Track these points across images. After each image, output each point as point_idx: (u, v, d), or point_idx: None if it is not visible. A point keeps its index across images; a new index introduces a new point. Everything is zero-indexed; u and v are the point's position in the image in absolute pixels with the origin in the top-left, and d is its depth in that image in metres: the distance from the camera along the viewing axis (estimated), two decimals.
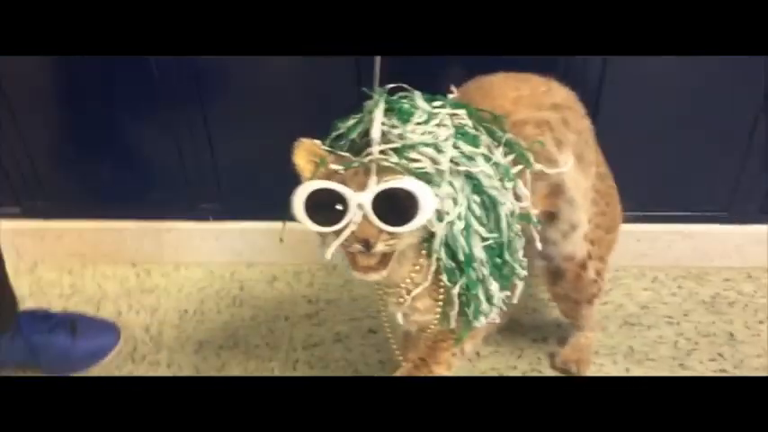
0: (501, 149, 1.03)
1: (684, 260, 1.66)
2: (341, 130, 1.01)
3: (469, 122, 1.01)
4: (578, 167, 1.16)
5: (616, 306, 1.58)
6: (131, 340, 1.58)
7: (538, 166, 1.07)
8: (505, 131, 1.05)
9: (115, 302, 1.68)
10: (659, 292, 1.62)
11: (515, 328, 1.53)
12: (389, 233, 0.92)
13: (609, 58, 1.43)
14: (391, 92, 1.00)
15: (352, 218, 0.91)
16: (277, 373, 1.47)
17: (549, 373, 1.46)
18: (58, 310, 1.58)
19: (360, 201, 0.90)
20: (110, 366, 1.51)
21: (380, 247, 0.93)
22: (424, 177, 0.94)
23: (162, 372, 1.50)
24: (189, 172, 1.66)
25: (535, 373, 1.46)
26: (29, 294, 1.70)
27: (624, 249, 1.60)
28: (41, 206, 1.75)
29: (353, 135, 0.99)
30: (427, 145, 0.95)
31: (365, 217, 0.91)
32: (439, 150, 0.96)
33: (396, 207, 0.91)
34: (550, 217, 1.19)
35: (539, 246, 1.11)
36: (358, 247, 0.93)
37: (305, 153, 0.96)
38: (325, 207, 0.92)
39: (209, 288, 1.71)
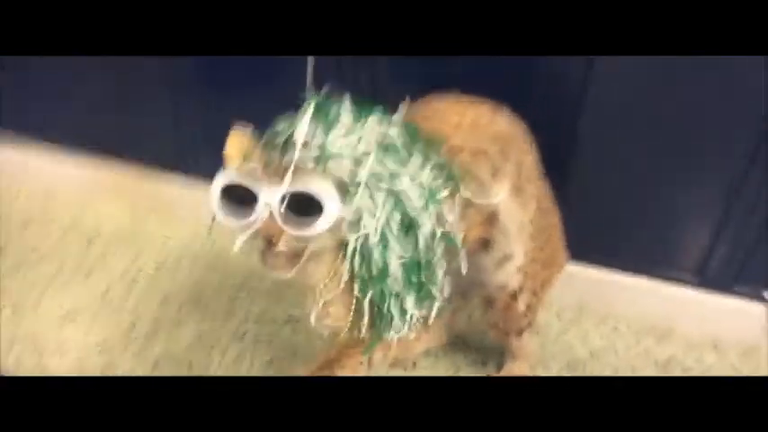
0: (430, 171, 1.05)
1: (651, 317, 1.62)
2: (277, 128, 1.04)
3: (400, 140, 1.03)
4: (516, 199, 1.16)
5: (566, 347, 1.56)
6: (106, 280, 1.67)
7: (467, 193, 1.08)
8: (439, 154, 1.06)
9: (106, 242, 1.77)
10: (614, 342, 1.58)
11: (459, 346, 1.53)
12: (293, 234, 0.95)
13: (590, 92, 1.41)
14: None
15: (259, 215, 0.94)
16: (224, 341, 1.54)
17: None
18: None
19: (268, 199, 0.94)
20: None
21: (282, 247, 0.96)
22: (339, 187, 0.96)
23: (124, 317, 1.59)
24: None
25: None
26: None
27: (591, 292, 1.60)
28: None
29: (285, 135, 1.01)
30: (345, 157, 0.97)
31: (271, 215, 0.94)
32: (357, 163, 0.98)
33: (301, 210, 0.94)
34: (485, 245, 1.20)
35: (464, 270, 1.12)
36: (261, 244, 0.96)
37: (236, 143, 0.99)
38: (238, 201, 0.96)
39: (192, 246, 1.77)
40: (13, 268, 1.71)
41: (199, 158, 1.77)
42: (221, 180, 0.96)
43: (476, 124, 1.13)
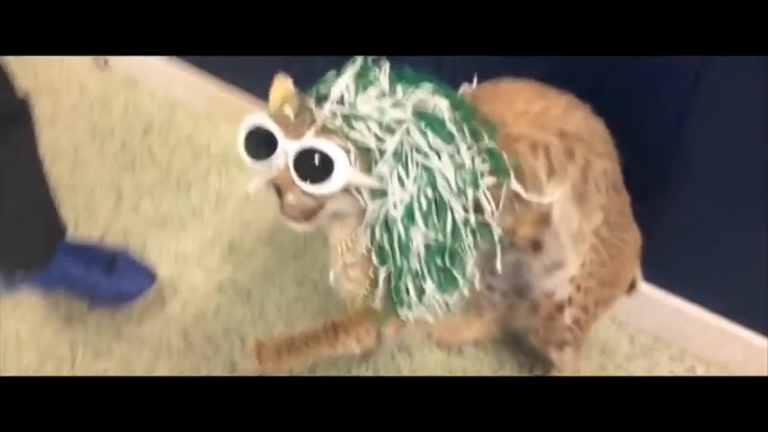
0: (477, 155, 0.97)
1: (732, 365, 1.42)
2: (323, 82, 1.00)
3: (448, 115, 0.95)
4: (576, 206, 1.05)
5: (629, 374, 1.41)
6: (201, 196, 1.72)
7: (515, 187, 0.99)
8: (493, 140, 0.98)
9: (211, 160, 1.82)
10: None
11: (510, 345, 1.44)
12: (302, 189, 0.93)
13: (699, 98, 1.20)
14: None
15: (276, 162, 0.93)
16: (285, 281, 1.55)
17: None
18: (104, 245, 1.61)
19: (286, 148, 0.92)
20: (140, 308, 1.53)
21: (290, 199, 0.94)
22: (363, 151, 0.92)
23: (206, 234, 1.64)
24: None
25: None
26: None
27: (672, 324, 1.43)
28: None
29: (324, 91, 0.97)
30: (374, 121, 0.92)
31: (287, 166, 0.92)
32: (388, 130, 0.92)
33: (314, 166, 0.91)
34: (535, 246, 1.10)
35: (498, 268, 1.04)
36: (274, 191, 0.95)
37: (279, 89, 0.98)
38: (264, 144, 0.94)
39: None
40: (126, 166, 1.82)
41: None
42: (251, 120, 0.94)
43: (544, 115, 1.02)
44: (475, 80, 1.07)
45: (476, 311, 1.40)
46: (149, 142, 1.88)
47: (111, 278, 1.50)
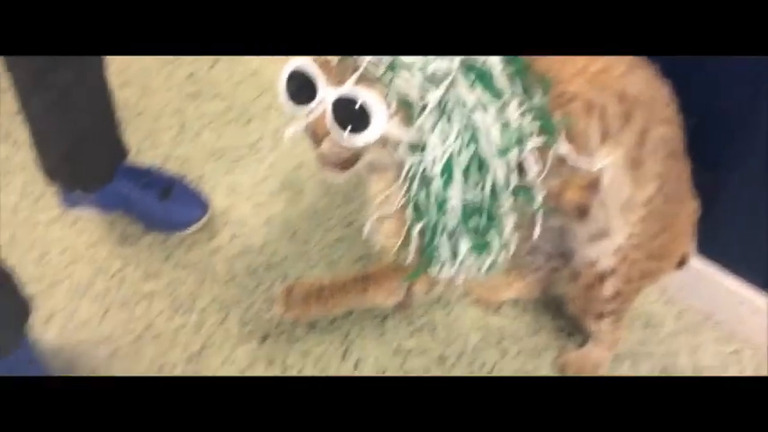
0: (526, 114, 0.91)
1: None
2: None
3: (498, 70, 0.89)
4: (628, 172, 0.99)
5: (671, 352, 1.35)
6: (260, 132, 1.71)
7: (563, 149, 0.93)
8: (546, 97, 0.92)
9: (276, 96, 1.80)
10: (728, 367, 1.33)
11: (551, 308, 1.39)
12: (336, 139, 0.90)
13: None
14: None
15: (314, 108, 0.90)
16: (331, 223, 1.53)
17: (543, 365, 1.33)
18: (162, 171, 1.60)
19: (325, 95, 0.89)
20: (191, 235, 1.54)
21: (325, 148, 0.91)
22: (404, 102, 0.88)
23: (260, 171, 1.63)
24: None
25: (531, 356, 1.34)
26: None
27: (724, 304, 1.36)
28: None
29: None
30: (418, 70, 0.87)
31: (324, 113, 0.89)
32: (433, 81, 0.88)
33: (352, 116, 0.88)
34: (581, 212, 1.04)
35: (535, 234, 0.99)
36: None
37: None
38: (303, 89, 0.91)
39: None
40: (192, 96, 1.82)
41: None
42: (293, 63, 0.91)
43: (603, 74, 0.95)
44: None
45: (517, 271, 1.36)
46: (216, 74, 1.87)
47: (165, 204, 1.52)
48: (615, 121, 0.94)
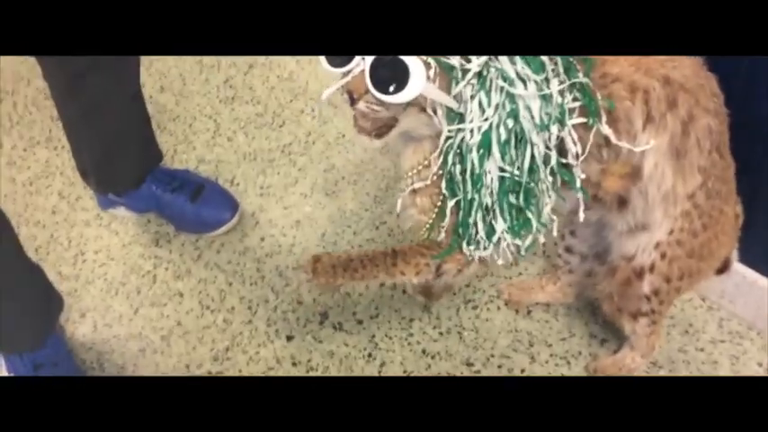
0: (568, 90, 0.85)
1: None
2: None
3: None
4: (671, 162, 0.91)
5: (711, 360, 1.25)
6: (293, 135, 1.67)
7: (605, 129, 0.86)
8: (589, 77, 0.85)
9: (307, 100, 1.75)
10: None
11: (585, 312, 1.31)
12: (375, 97, 0.84)
13: None
14: None
15: (353, 68, 0.85)
16: (362, 223, 1.47)
17: (574, 372, 1.24)
18: (194, 173, 1.59)
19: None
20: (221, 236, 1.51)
21: (362, 106, 0.86)
22: (445, 68, 0.83)
23: (291, 173, 1.58)
24: None
25: (562, 362, 1.25)
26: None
27: (766, 313, 1.25)
28: None
29: None
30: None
31: (362, 72, 0.84)
32: None
33: (390, 77, 0.82)
34: (621, 203, 0.96)
35: (581, 217, 0.92)
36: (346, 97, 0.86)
37: None
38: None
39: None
40: (227, 100, 1.79)
41: None
42: None
43: (647, 58, 0.87)
44: None
45: (551, 274, 1.28)
46: (251, 78, 1.84)
47: (196, 206, 1.49)
48: (659, 106, 0.87)
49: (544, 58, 0.83)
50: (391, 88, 0.82)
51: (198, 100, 1.79)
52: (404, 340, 1.31)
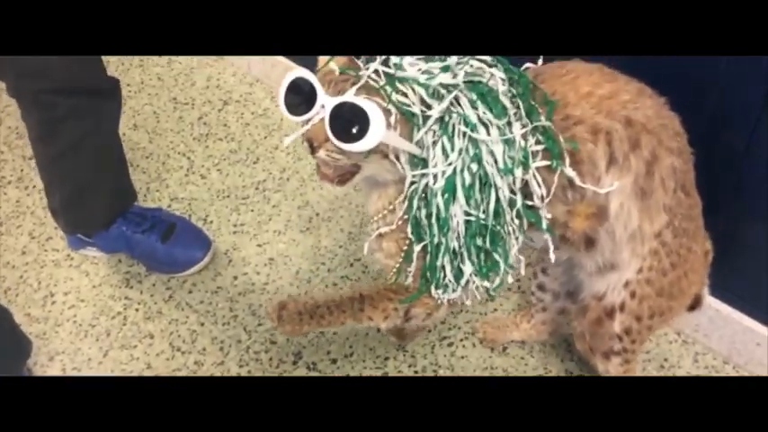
0: (530, 134, 0.84)
1: None
2: None
3: (504, 89, 0.83)
4: (636, 203, 0.90)
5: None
6: (266, 173, 1.65)
7: (570, 172, 0.85)
8: (549, 119, 0.84)
9: (281, 137, 1.74)
10: None
11: (561, 350, 1.29)
12: (335, 146, 0.83)
13: None
14: None
15: (312, 116, 0.84)
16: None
17: None
18: (165, 212, 1.55)
19: (324, 102, 0.83)
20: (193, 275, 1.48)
21: (322, 155, 0.85)
22: (406, 115, 0.82)
23: (265, 210, 1.56)
24: None
25: None
26: None
27: (745, 347, 1.24)
28: None
29: None
30: (420, 84, 0.82)
31: (322, 120, 0.83)
32: (436, 95, 0.82)
33: (350, 123, 0.81)
34: (589, 243, 0.95)
35: (552, 258, 0.91)
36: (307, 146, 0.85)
37: None
38: (304, 99, 0.85)
39: None
40: (201, 137, 1.77)
41: None
42: (295, 73, 0.85)
43: (610, 99, 0.87)
44: (540, 59, 0.93)
45: (525, 311, 1.26)
46: (225, 115, 1.82)
47: (167, 246, 1.46)
48: (622, 147, 0.86)
49: (505, 102, 0.83)
50: (351, 136, 0.81)
51: (171, 137, 1.77)
52: None
